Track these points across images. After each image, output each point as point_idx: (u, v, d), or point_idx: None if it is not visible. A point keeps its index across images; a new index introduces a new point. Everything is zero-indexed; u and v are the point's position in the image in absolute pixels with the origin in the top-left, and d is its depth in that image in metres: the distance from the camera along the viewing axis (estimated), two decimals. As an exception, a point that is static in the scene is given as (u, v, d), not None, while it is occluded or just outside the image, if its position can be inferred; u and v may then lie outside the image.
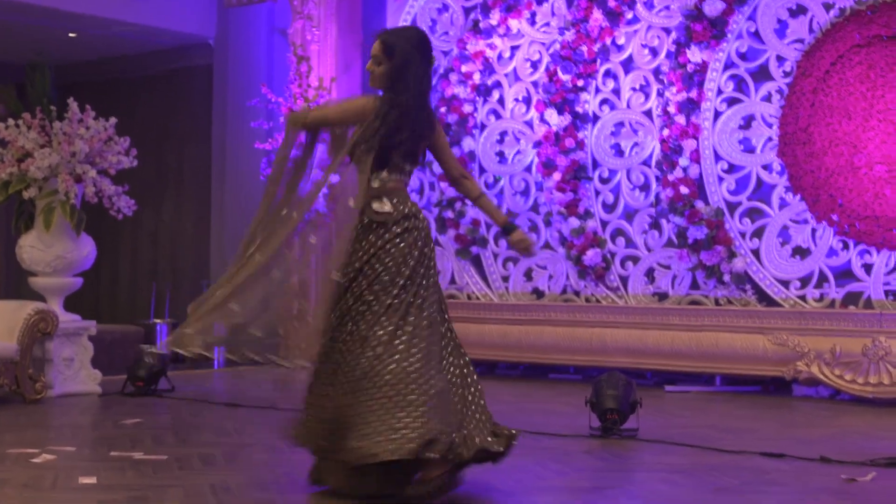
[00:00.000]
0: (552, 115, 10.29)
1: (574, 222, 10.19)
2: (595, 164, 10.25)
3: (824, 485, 5.44)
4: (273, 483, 5.50)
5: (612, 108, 10.17)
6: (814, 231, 9.19)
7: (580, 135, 10.22)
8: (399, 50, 5.26)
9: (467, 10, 11.03)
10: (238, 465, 5.94)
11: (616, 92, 10.16)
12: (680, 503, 5.16)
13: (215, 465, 5.88)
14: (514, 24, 10.66)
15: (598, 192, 10.24)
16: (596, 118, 10.24)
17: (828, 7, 9.18)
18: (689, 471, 5.81)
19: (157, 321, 12.62)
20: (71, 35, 13.12)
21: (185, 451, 6.25)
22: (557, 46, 10.36)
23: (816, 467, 5.92)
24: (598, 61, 10.19)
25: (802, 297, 9.21)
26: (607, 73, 10.22)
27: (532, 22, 10.63)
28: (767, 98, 9.44)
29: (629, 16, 10.07)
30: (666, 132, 9.73)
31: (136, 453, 6.16)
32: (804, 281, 9.22)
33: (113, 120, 8.91)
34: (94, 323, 9.21)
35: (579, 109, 10.25)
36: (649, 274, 9.97)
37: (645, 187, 10.02)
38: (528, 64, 10.65)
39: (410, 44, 5.29)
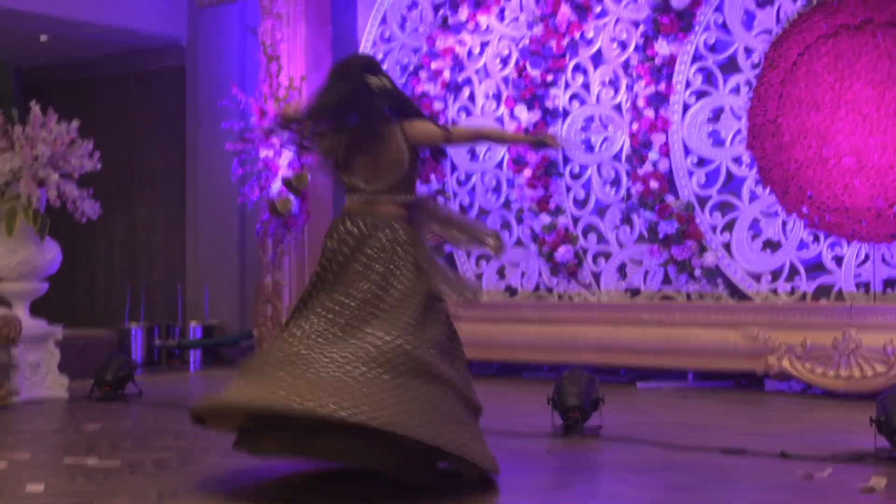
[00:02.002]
0: (522, 111, 10.22)
1: (545, 219, 10.13)
2: (566, 160, 10.18)
3: (781, 481, 5.38)
4: (222, 487, 5.42)
5: (582, 102, 10.11)
6: (784, 224, 9.13)
7: (550, 130, 10.15)
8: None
9: (436, 7, 10.96)
10: (190, 469, 5.85)
11: (586, 86, 10.10)
12: (631, 502, 5.09)
13: (168, 470, 5.80)
14: (483, 19, 10.59)
15: (568, 188, 10.17)
16: (566, 113, 10.17)
17: (795, -3, 9.13)
18: (646, 469, 5.74)
19: (133, 325, 12.54)
20: (42, 38, 13.04)
21: (139, 457, 6.16)
22: (526, 42, 10.29)
23: (777, 464, 5.84)
24: (567, 56, 10.12)
25: (774, 291, 9.14)
26: (576, 68, 10.15)
27: (501, 17, 10.56)
28: (736, 90, 9.37)
29: (597, 10, 10.00)
30: (635, 126, 9.67)
31: (90, 459, 6.08)
32: (775, 274, 9.16)
33: (76, 123, 8.82)
34: (61, 328, 9.12)
35: (549, 105, 10.18)
36: (621, 270, 9.91)
37: (616, 182, 9.95)
38: (498, 60, 10.58)
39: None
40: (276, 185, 11.09)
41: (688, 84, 9.54)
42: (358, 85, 5.49)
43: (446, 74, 10.73)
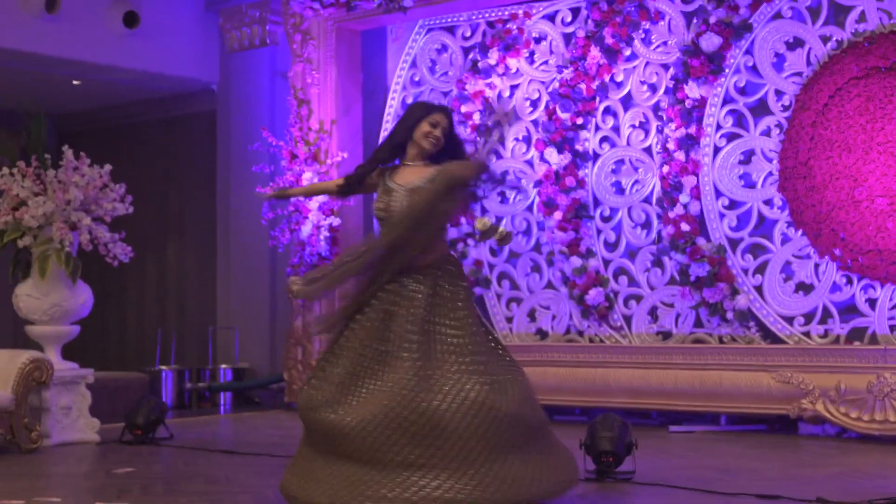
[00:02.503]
0: (552, 154, 10.22)
1: (576, 261, 10.11)
2: (596, 203, 10.17)
3: (818, 527, 5.32)
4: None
5: (612, 145, 10.10)
6: (816, 266, 9.08)
7: (580, 173, 10.15)
8: None
9: (466, 50, 11.01)
10: (222, 514, 5.84)
11: (615, 129, 10.10)
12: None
13: (199, 516, 5.79)
14: (512, 63, 10.61)
15: (599, 231, 10.15)
16: (596, 156, 10.17)
17: (825, 39, 9.11)
18: (681, 514, 5.70)
19: (164, 368, 12.56)
20: (75, 83, 13.15)
21: (170, 501, 6.16)
22: (556, 85, 10.31)
23: (812, 509, 5.79)
24: (597, 99, 10.13)
25: (807, 334, 9.09)
26: (606, 111, 10.15)
27: (531, 61, 10.59)
28: (767, 132, 9.35)
29: (627, 53, 10.01)
30: (666, 169, 9.65)
31: (121, 504, 6.08)
32: (808, 317, 9.11)
33: (108, 167, 8.87)
34: (92, 371, 9.14)
35: (579, 147, 10.18)
36: (652, 312, 9.87)
37: (646, 225, 9.93)
38: (528, 103, 10.59)
39: None
40: (307, 228, 11.12)
41: (718, 126, 9.53)
42: None
43: (476, 118, 10.75)
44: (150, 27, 12.43)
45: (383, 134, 11.44)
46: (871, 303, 8.83)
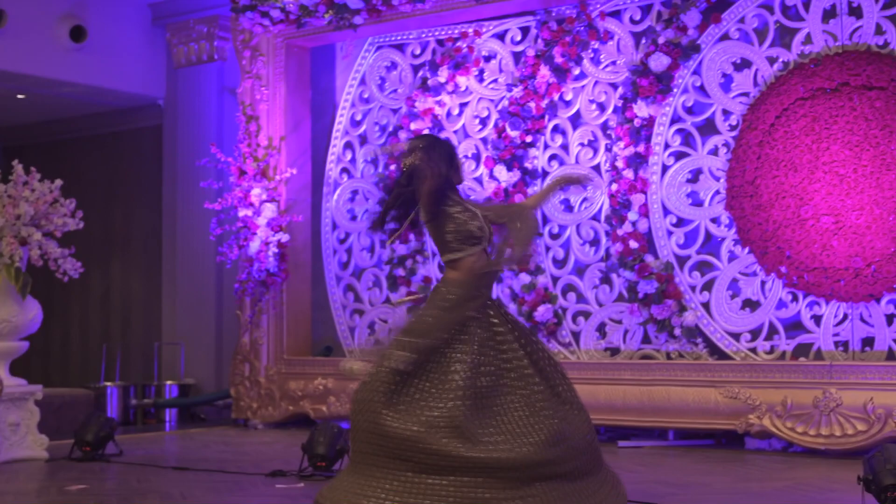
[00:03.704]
0: (501, 172, 10.30)
1: (525, 278, 10.18)
2: (545, 220, 10.25)
3: (773, 539, 5.41)
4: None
5: (561, 163, 10.19)
6: (763, 283, 9.21)
7: (530, 190, 10.23)
8: None
9: (416, 68, 11.07)
10: (182, 530, 5.84)
11: (564, 147, 10.19)
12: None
13: (158, 531, 5.78)
14: (462, 81, 10.69)
15: (548, 248, 10.23)
16: (545, 174, 10.26)
17: (772, 61, 9.26)
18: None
19: (108, 384, 12.49)
20: (19, 96, 13.07)
21: (128, 517, 6.15)
22: (506, 103, 10.39)
23: (766, 522, 5.88)
24: (546, 117, 10.22)
25: (753, 350, 9.21)
26: (555, 129, 10.25)
27: (480, 79, 10.67)
28: (714, 151, 9.48)
29: (576, 72, 10.11)
30: (614, 187, 9.76)
31: (78, 520, 6.06)
32: (754, 333, 9.23)
33: (59, 182, 8.83)
34: (41, 387, 9.08)
35: (528, 165, 10.27)
36: (601, 329, 9.96)
37: (595, 242, 10.03)
38: (477, 121, 10.67)
39: None
40: (256, 245, 11.11)
41: (666, 145, 9.66)
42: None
43: (425, 135, 10.80)
44: (97, 42, 12.40)
45: (332, 150, 11.48)
46: (817, 319, 8.97)
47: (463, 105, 10.75)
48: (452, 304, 5.65)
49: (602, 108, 10.04)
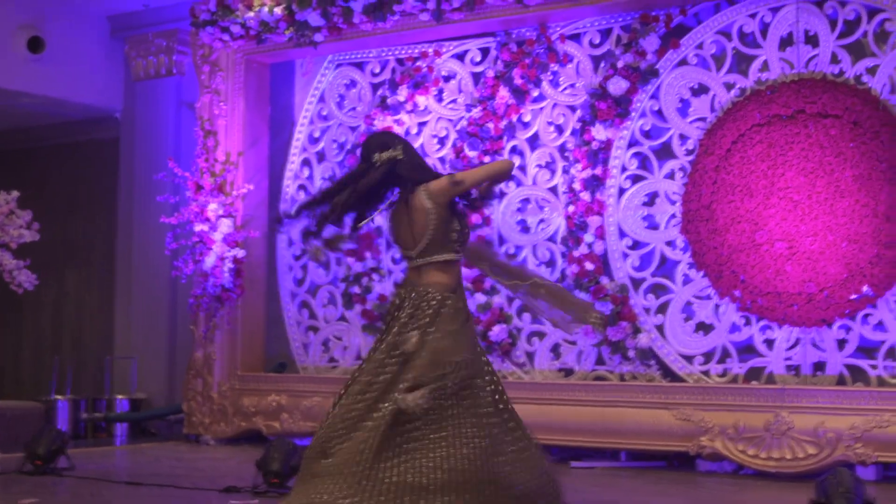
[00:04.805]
0: (459, 191, 10.31)
1: (480, 298, 10.22)
2: (501, 240, 10.30)
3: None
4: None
5: (519, 184, 10.24)
6: (717, 307, 9.29)
7: (486, 210, 10.26)
8: None
9: (375, 87, 11.10)
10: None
11: (522, 168, 10.24)
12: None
13: (113, 545, 5.76)
14: (421, 100, 10.73)
15: (504, 268, 10.25)
16: (502, 194, 10.29)
17: (729, 87, 9.36)
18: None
19: (59, 397, 12.39)
20: (-27, 106, 12.99)
21: (82, 531, 6.12)
22: (464, 123, 10.44)
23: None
24: (505, 138, 10.28)
25: (706, 373, 9.29)
26: (514, 150, 10.30)
27: (439, 99, 10.71)
28: (671, 175, 9.57)
29: (535, 93, 10.18)
30: (571, 209, 9.82)
31: (31, 534, 6.02)
32: (708, 356, 9.31)
33: (15, 193, 8.82)
34: (-8, 400, 9.02)
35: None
36: (555, 349, 10.00)
37: (551, 263, 10.08)
38: (436, 140, 10.71)
39: None
40: (211, 260, 11.09)
41: (623, 168, 9.73)
42: (362, 166, 5.61)
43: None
44: (55, 53, 12.35)
45: (290, 167, 11.48)
46: (769, 343, 9.06)
47: (422, 124, 10.79)
48: (467, 314, 5.60)
49: (560, 130, 10.10)
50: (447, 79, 10.69)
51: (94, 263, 13.66)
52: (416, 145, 10.51)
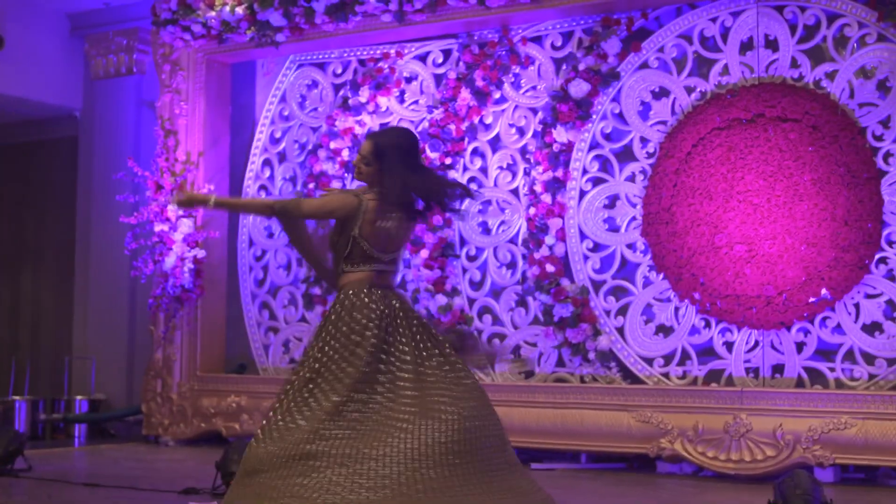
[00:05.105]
0: (420, 193, 10.31)
1: (441, 299, 10.22)
2: (462, 242, 10.31)
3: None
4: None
5: (480, 185, 10.25)
6: (676, 309, 9.34)
7: (447, 212, 10.25)
8: (387, 157, 5.78)
9: (337, 87, 11.08)
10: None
11: (483, 170, 10.26)
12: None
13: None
14: (383, 101, 10.72)
15: (465, 270, 10.29)
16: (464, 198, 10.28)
17: (689, 90, 9.41)
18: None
19: (17, 398, 12.30)
20: (-69, 103, 12.88)
21: (40, 533, 6.08)
22: (426, 124, 10.44)
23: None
24: (466, 140, 10.28)
25: (666, 375, 9.33)
26: (475, 152, 10.31)
27: (401, 100, 10.71)
28: (631, 178, 9.60)
29: (497, 95, 10.19)
30: (532, 211, 9.84)
31: (-12, 536, 5.98)
32: (667, 358, 9.35)
33: (-28, 192, 8.74)
34: (-51, 400, 8.95)
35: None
36: (516, 351, 10.01)
37: (511, 265, 10.10)
38: (397, 141, 10.68)
39: (399, 151, 5.83)
40: (171, 260, 11.04)
41: (584, 171, 9.76)
42: None
43: (345, 154, 10.82)
44: (13, 51, 12.22)
45: (251, 167, 11.45)
46: (729, 346, 9.11)
47: (383, 125, 10.77)
48: None
49: (522, 132, 10.12)
50: (409, 80, 10.69)
51: (52, 263, 13.57)
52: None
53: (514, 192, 10.10)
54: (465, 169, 10.31)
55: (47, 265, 13.66)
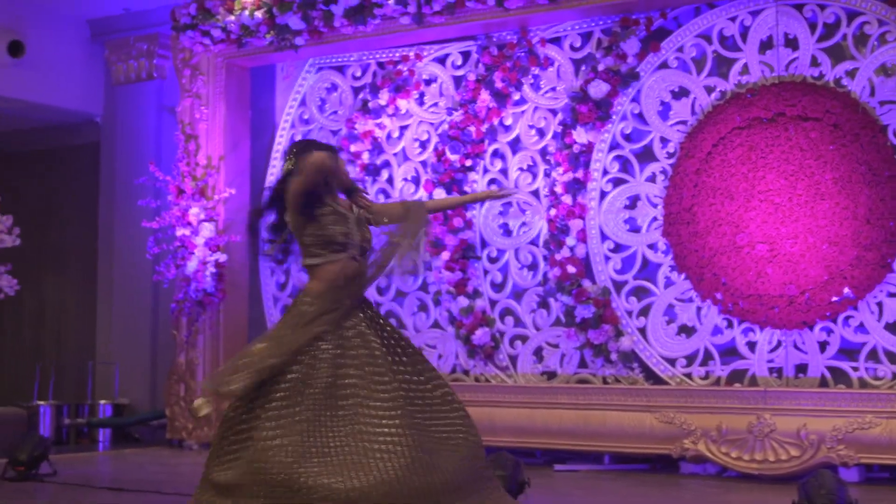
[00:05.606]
0: (441, 195, 10.34)
1: (463, 301, 10.22)
2: (483, 244, 10.31)
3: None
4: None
5: (500, 187, 10.24)
6: (699, 309, 9.31)
7: (468, 214, 10.28)
8: None
9: (356, 90, 11.10)
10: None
11: (504, 172, 10.26)
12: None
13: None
14: (402, 104, 10.73)
15: (486, 272, 10.28)
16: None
17: (709, 90, 9.38)
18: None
19: (41, 403, 12.34)
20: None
21: (65, 539, 6.10)
22: (446, 126, 10.44)
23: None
24: (486, 141, 10.28)
25: (688, 375, 9.31)
26: (495, 154, 10.31)
27: (421, 102, 10.71)
28: (652, 178, 9.59)
29: (516, 97, 10.18)
30: (553, 212, 9.83)
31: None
32: (690, 359, 9.33)
33: (-4, 198, 8.79)
34: (-27, 406, 8.99)
35: (468, 189, 10.32)
36: (538, 353, 10.01)
37: (533, 266, 10.09)
38: (417, 144, 10.71)
39: None
40: (193, 264, 11.07)
41: (605, 171, 9.75)
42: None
43: (365, 157, 10.84)
44: (35, 57, 12.30)
45: (271, 171, 11.46)
46: (751, 346, 9.09)
47: (403, 128, 10.79)
48: (308, 319, 5.54)
49: (541, 133, 10.11)
50: (428, 82, 10.70)
51: (75, 268, 13.62)
52: (397, 149, 10.62)
53: (535, 193, 10.09)
54: (486, 171, 10.31)
55: (70, 270, 13.71)
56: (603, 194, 9.75)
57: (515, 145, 10.25)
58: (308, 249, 5.67)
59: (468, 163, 10.29)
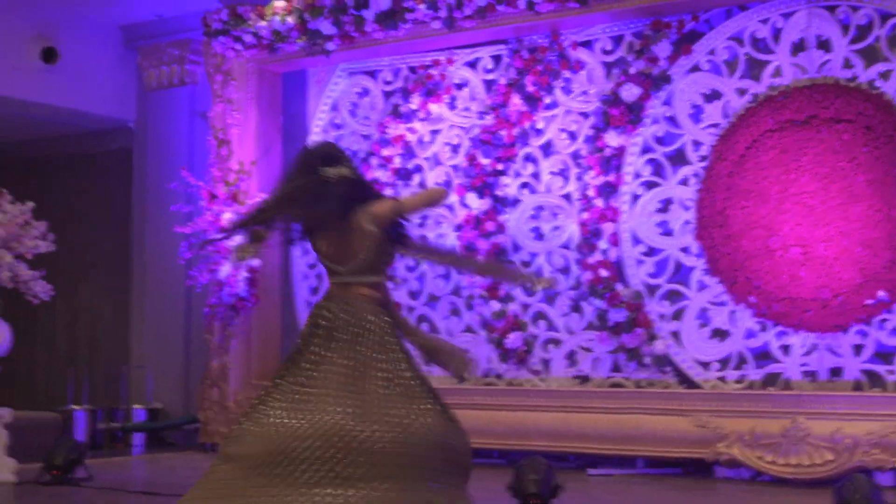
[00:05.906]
0: (473, 199, 10.35)
1: (495, 305, 10.22)
2: (516, 248, 10.31)
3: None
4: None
5: (532, 191, 10.25)
6: (732, 313, 9.28)
7: (501, 218, 10.28)
8: None
9: (388, 95, 11.11)
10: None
11: (535, 175, 10.25)
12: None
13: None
14: (434, 108, 10.74)
15: (519, 275, 10.27)
16: (516, 202, 10.31)
17: (741, 92, 9.35)
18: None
19: (76, 407, 12.41)
20: (-12, 117, 13.03)
21: (100, 544, 6.13)
22: (477, 131, 10.45)
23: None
24: (518, 145, 10.28)
25: (722, 379, 9.27)
26: (527, 157, 10.31)
27: (452, 106, 10.72)
28: (684, 182, 9.56)
29: (547, 100, 10.18)
30: (585, 215, 9.82)
31: (50, 546, 6.03)
32: (723, 362, 9.30)
33: (30, 204, 8.83)
34: (10, 410, 9.05)
35: (499, 193, 10.32)
36: (571, 357, 9.99)
37: (565, 270, 10.08)
38: (449, 148, 10.72)
39: None
40: (226, 269, 11.11)
41: (637, 175, 9.73)
42: (313, 180, 5.49)
43: (397, 161, 10.86)
44: (69, 63, 12.39)
45: (303, 175, 11.46)
46: (785, 349, 9.05)
47: (434, 132, 10.80)
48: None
49: (573, 137, 10.10)
50: (459, 86, 10.70)
51: (109, 273, 13.70)
52: (429, 153, 10.61)
53: (567, 196, 10.09)
54: (518, 174, 10.31)
55: (103, 276, 13.79)
56: (635, 198, 9.74)
57: (547, 149, 10.24)
58: (380, 267, 5.56)
59: (500, 167, 10.30)
